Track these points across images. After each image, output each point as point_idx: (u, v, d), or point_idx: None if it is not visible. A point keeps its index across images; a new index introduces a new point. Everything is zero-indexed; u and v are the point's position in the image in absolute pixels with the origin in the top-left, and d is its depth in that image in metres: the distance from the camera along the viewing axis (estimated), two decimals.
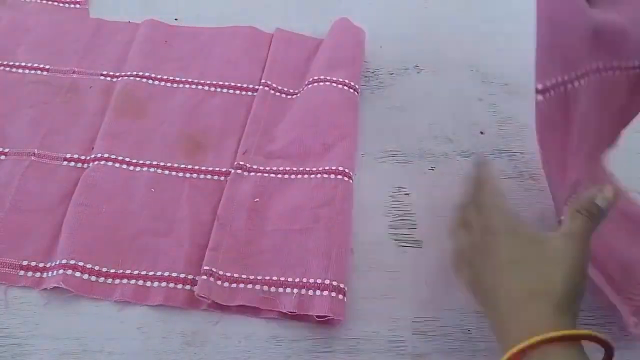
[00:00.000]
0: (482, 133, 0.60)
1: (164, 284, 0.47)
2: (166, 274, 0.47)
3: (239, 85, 0.60)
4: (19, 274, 0.47)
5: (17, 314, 0.45)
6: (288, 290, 0.46)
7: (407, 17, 0.70)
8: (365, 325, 0.46)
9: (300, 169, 0.54)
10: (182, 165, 0.54)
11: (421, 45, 0.66)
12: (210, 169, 0.54)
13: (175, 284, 0.47)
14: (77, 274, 0.46)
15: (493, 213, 0.41)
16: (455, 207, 0.45)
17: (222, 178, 0.54)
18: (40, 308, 0.45)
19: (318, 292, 0.46)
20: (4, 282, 0.47)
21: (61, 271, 0.46)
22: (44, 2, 0.67)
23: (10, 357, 0.43)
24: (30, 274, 0.47)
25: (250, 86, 0.60)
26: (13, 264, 0.47)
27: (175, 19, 0.67)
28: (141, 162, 0.54)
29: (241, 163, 0.54)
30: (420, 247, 0.51)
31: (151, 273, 0.47)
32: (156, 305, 0.46)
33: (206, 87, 0.60)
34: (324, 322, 0.46)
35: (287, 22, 0.66)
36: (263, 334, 0.45)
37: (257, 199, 0.51)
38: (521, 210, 0.54)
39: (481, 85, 0.64)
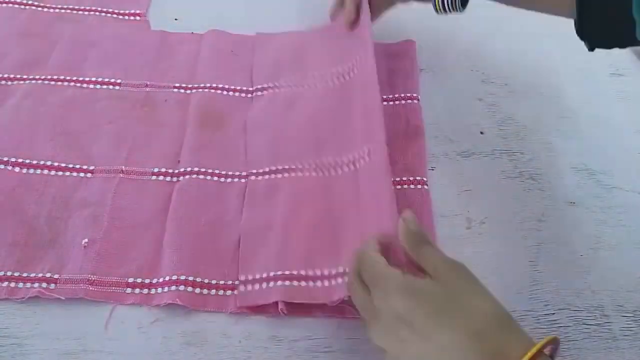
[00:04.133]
0: (482, 133, 0.60)
1: (264, 285, 0.46)
2: (264, 275, 0.47)
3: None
4: (126, 291, 0.46)
5: (17, 314, 0.45)
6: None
7: (407, 17, 0.70)
8: (365, 325, 0.45)
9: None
10: None
11: (421, 45, 0.66)
12: (286, 167, 0.53)
13: (270, 282, 0.46)
14: (189, 288, 0.46)
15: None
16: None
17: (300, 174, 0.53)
18: (40, 308, 0.45)
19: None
20: (111, 301, 0.46)
21: (173, 287, 0.46)
22: (103, 15, 0.66)
23: (10, 357, 0.43)
24: (137, 290, 0.46)
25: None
26: (119, 282, 0.46)
27: (175, 19, 0.67)
28: (230, 173, 0.54)
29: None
30: None
31: (250, 278, 0.47)
32: (156, 305, 0.46)
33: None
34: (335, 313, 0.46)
35: (286, 21, 0.66)
36: (263, 334, 0.45)
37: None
38: (521, 210, 0.54)
39: (481, 85, 0.64)
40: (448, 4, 0.54)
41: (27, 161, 0.53)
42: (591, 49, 0.48)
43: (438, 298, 0.35)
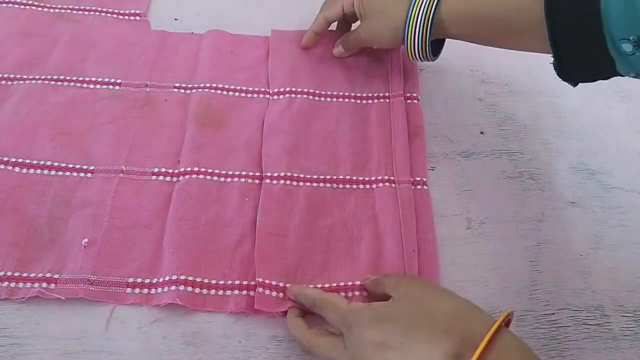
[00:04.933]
0: (482, 133, 0.60)
1: (281, 294, 0.47)
2: (281, 284, 0.47)
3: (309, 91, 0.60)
4: (126, 291, 0.46)
5: (17, 314, 0.45)
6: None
7: None
8: None
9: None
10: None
11: None
12: (302, 176, 0.54)
13: (277, 292, 0.47)
14: (189, 288, 0.46)
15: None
16: None
17: (315, 185, 0.54)
18: (40, 308, 0.45)
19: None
20: (112, 301, 0.46)
21: (173, 287, 0.46)
22: (104, 15, 0.66)
23: (10, 357, 0.43)
24: (137, 290, 0.46)
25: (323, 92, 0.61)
26: (119, 282, 0.46)
27: (175, 19, 0.67)
28: (230, 172, 0.54)
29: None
30: None
31: (267, 282, 0.47)
32: (156, 305, 0.46)
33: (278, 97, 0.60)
34: None
35: (285, 20, 0.66)
36: (263, 334, 0.45)
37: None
38: (521, 210, 0.54)
39: (481, 85, 0.64)
40: (419, 54, 0.55)
41: (27, 161, 0.53)
42: (575, 84, 0.48)
43: (405, 314, 0.39)
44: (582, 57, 0.45)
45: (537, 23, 0.46)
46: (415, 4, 0.53)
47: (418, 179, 0.55)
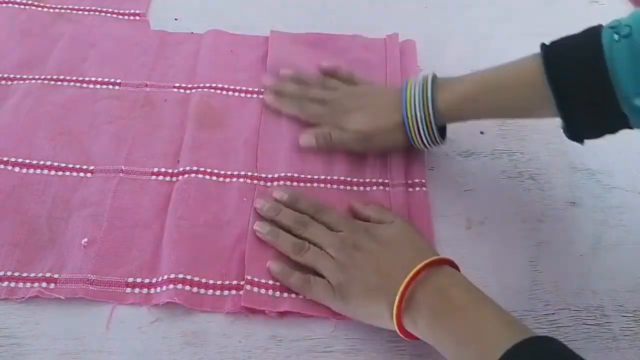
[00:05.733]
0: (482, 133, 0.60)
1: (270, 292, 0.47)
2: (270, 282, 0.47)
3: None
4: (126, 291, 0.46)
5: (17, 314, 0.45)
6: None
7: (407, 17, 0.70)
8: (365, 325, 0.46)
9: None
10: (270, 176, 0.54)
11: (421, 45, 0.66)
12: (296, 176, 0.54)
13: (281, 292, 0.47)
14: (187, 287, 0.46)
15: None
16: None
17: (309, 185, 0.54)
18: (40, 308, 0.45)
19: None
20: (111, 301, 0.46)
21: (171, 286, 0.46)
22: (104, 15, 0.66)
23: (10, 357, 0.43)
24: (137, 290, 0.46)
25: None
26: (118, 282, 0.46)
27: (175, 19, 0.67)
28: (229, 173, 0.54)
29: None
30: None
31: (256, 280, 0.47)
32: (155, 305, 0.46)
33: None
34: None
35: (285, 20, 0.66)
36: (263, 334, 0.45)
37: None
38: (521, 210, 0.54)
39: None
40: (428, 142, 0.53)
41: (27, 161, 0.53)
42: (583, 143, 0.48)
43: (397, 234, 0.47)
44: (593, 118, 0.45)
45: (542, 95, 0.46)
46: (411, 126, 0.52)
47: (417, 180, 0.55)
